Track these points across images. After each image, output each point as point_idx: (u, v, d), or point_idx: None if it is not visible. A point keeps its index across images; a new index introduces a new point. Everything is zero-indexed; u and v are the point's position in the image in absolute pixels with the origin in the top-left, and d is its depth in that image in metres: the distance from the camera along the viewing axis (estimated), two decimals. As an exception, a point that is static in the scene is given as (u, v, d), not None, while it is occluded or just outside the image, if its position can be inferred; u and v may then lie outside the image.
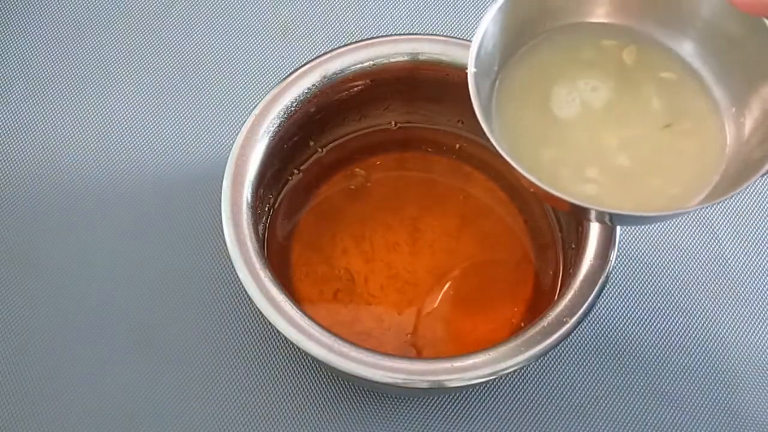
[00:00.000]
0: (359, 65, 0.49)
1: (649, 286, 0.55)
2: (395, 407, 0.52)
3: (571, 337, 0.44)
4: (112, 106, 0.59)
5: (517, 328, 0.49)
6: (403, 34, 0.50)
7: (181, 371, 0.52)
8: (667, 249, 0.56)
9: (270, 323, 0.43)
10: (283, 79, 0.49)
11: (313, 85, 0.49)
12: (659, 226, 0.56)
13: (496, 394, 0.52)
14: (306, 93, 0.49)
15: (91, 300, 0.53)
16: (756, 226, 0.56)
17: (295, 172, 0.53)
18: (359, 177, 0.54)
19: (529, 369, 0.52)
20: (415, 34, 0.50)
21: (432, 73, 0.50)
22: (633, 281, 0.55)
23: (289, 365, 0.52)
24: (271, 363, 0.52)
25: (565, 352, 0.53)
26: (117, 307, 0.53)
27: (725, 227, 0.56)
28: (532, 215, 0.53)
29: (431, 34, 0.50)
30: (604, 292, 0.45)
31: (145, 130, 0.58)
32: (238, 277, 0.44)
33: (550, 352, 0.44)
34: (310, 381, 0.52)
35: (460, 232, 0.53)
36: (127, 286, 0.54)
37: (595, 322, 0.54)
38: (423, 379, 0.43)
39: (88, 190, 0.56)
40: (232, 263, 0.44)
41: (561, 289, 0.48)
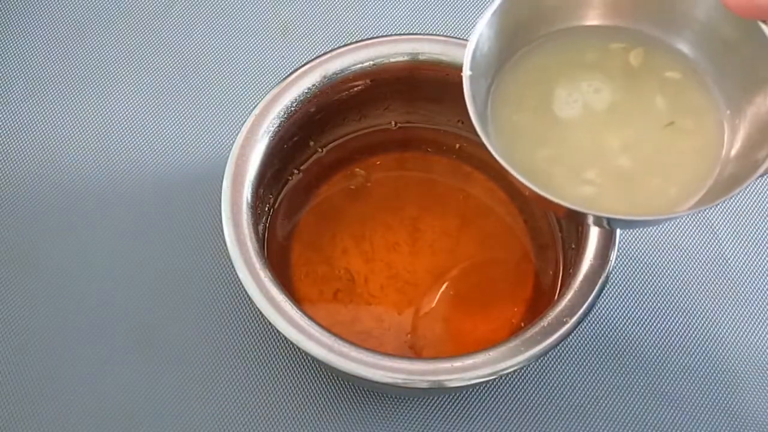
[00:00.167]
0: (359, 65, 0.49)
1: (649, 286, 0.55)
2: (395, 407, 0.52)
3: (571, 337, 0.44)
4: (112, 106, 0.58)
5: (517, 328, 0.49)
6: (403, 34, 0.50)
7: (181, 371, 0.52)
8: (667, 249, 0.56)
9: (270, 323, 0.43)
10: (283, 79, 0.49)
11: (313, 85, 0.49)
12: (659, 226, 0.56)
13: (496, 394, 0.52)
14: (306, 93, 0.49)
15: (91, 300, 0.53)
16: (756, 226, 0.56)
17: (295, 172, 0.53)
18: (359, 177, 0.54)
19: (529, 369, 0.52)
20: (415, 34, 0.50)
21: (432, 73, 0.50)
22: (633, 281, 0.55)
23: (289, 365, 0.52)
24: (271, 363, 0.52)
25: (565, 352, 0.53)
26: (117, 307, 0.53)
27: (725, 227, 0.56)
28: (532, 215, 0.53)
29: (431, 34, 0.50)
30: (604, 292, 0.45)
31: (145, 130, 0.58)
32: (238, 277, 0.44)
33: (550, 352, 0.44)
34: (310, 381, 0.52)
35: (460, 232, 0.53)
36: (127, 286, 0.54)
37: (595, 322, 0.54)
38: (423, 379, 0.43)
39: (88, 190, 0.56)
40: (232, 263, 0.44)
41: (561, 289, 0.48)
